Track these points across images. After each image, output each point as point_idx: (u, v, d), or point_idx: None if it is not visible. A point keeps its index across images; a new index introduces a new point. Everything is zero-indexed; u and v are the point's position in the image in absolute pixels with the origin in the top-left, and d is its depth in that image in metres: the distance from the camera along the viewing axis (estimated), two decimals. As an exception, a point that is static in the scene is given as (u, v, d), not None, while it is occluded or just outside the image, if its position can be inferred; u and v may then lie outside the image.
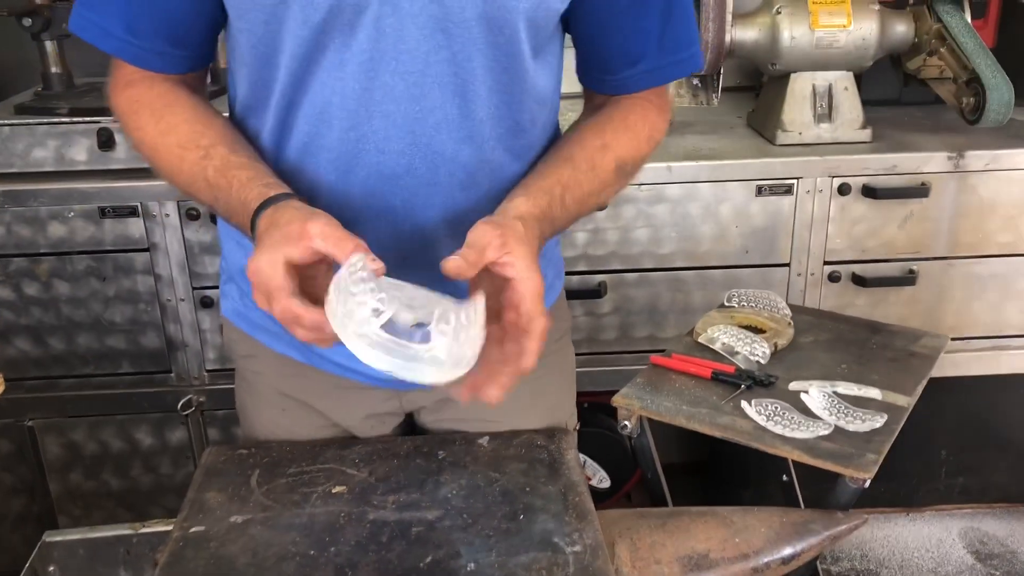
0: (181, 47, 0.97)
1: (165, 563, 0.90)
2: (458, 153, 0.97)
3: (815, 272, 2.02)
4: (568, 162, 0.97)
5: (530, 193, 0.92)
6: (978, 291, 2.04)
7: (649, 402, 1.21)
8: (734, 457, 2.37)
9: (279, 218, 0.84)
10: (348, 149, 0.96)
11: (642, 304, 2.04)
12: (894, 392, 1.22)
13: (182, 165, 0.95)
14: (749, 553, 1.00)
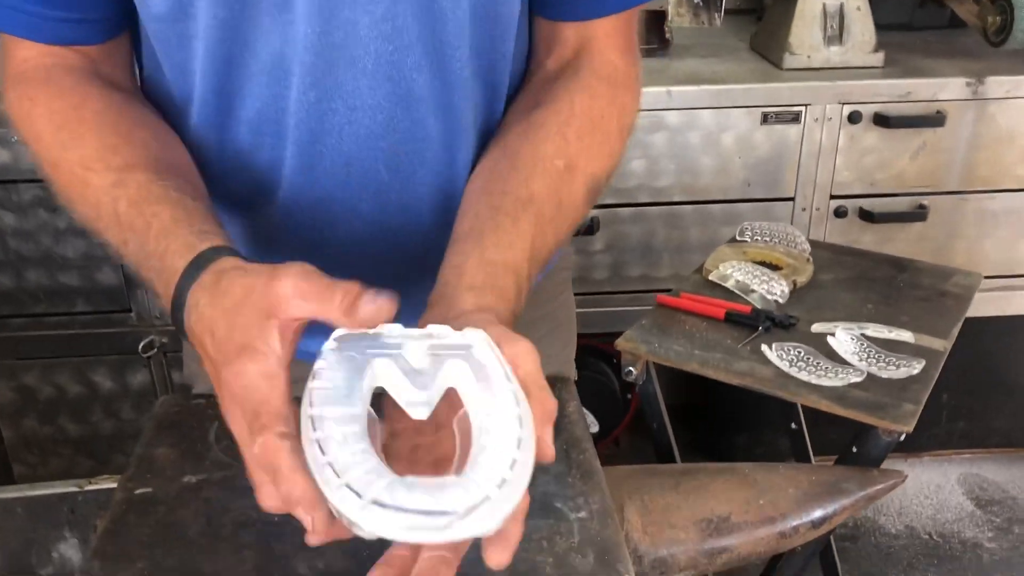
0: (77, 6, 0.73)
1: (104, 530, 0.77)
2: (443, 98, 0.78)
3: (820, 207, 1.91)
4: (528, 208, 0.73)
5: (488, 286, 0.68)
6: (991, 228, 1.94)
7: (657, 346, 1.09)
8: (733, 403, 2.28)
9: (229, 291, 0.59)
10: (310, 112, 0.76)
11: (636, 241, 1.92)
12: (927, 335, 1.10)
13: (85, 192, 0.71)
14: (775, 516, 0.89)
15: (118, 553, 0.75)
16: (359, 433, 0.53)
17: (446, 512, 0.49)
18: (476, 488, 0.51)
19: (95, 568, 0.73)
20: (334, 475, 0.50)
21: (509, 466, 0.51)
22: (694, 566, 0.88)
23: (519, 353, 0.58)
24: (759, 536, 0.88)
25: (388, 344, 0.58)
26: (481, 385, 0.55)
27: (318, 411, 0.54)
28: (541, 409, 0.57)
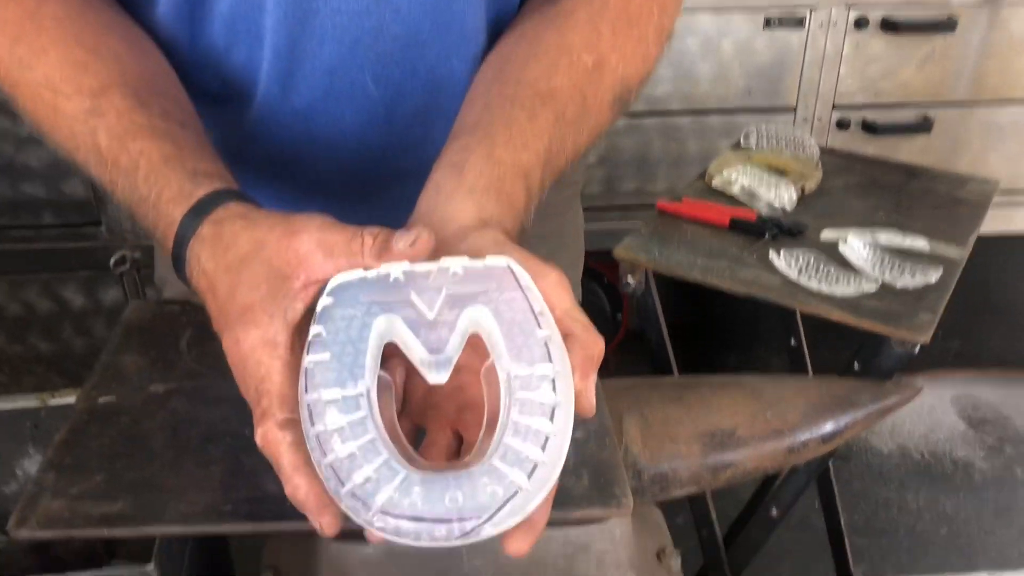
0: None
1: (63, 440, 0.71)
2: (441, 2, 0.69)
3: (822, 117, 1.83)
4: (547, 105, 0.62)
5: (493, 189, 0.57)
6: (996, 141, 1.87)
7: (657, 254, 1.02)
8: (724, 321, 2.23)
9: (234, 245, 0.52)
10: (289, 12, 0.67)
11: (630, 154, 1.84)
12: (943, 243, 1.04)
13: (57, 120, 0.61)
14: (783, 430, 0.83)
15: (75, 464, 0.69)
16: (364, 420, 0.45)
17: (465, 518, 0.42)
18: (503, 480, 0.42)
19: (49, 480, 0.67)
20: (338, 481, 0.43)
21: (541, 446, 0.43)
22: (696, 482, 0.83)
23: (551, 287, 0.49)
24: (766, 451, 0.83)
25: (394, 288, 0.49)
26: (508, 334, 0.46)
27: (315, 396, 0.45)
28: (583, 355, 0.48)
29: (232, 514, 0.66)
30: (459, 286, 0.48)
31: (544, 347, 0.46)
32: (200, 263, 0.53)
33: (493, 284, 0.48)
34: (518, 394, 0.45)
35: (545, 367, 0.45)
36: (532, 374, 0.45)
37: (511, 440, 0.44)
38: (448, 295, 0.48)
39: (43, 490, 0.66)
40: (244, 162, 0.79)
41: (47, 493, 0.66)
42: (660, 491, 0.83)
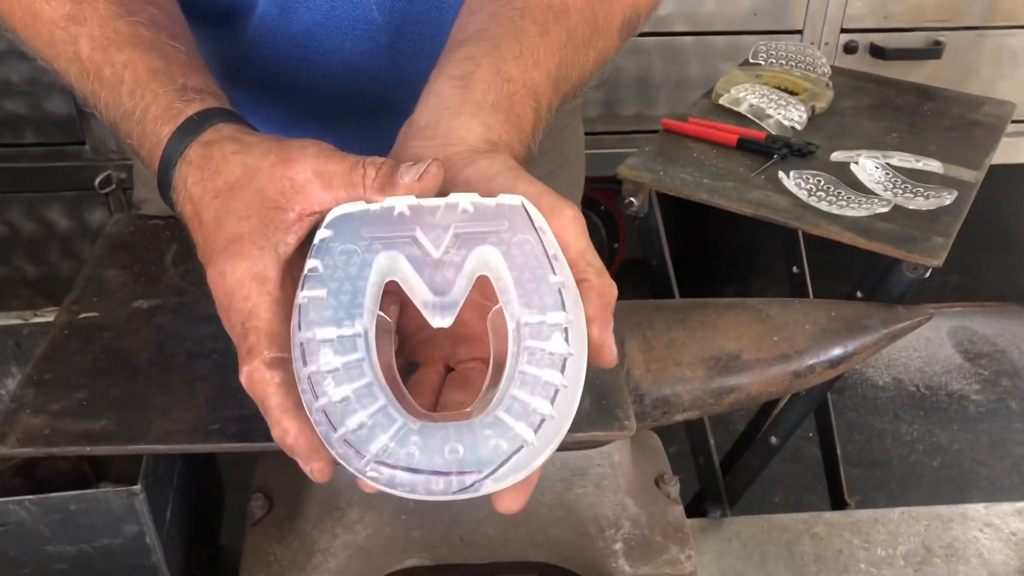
0: None
1: (43, 355, 0.68)
2: None
3: (830, 41, 1.78)
4: (560, 21, 0.57)
5: (502, 108, 0.52)
6: (1009, 68, 1.82)
7: (662, 174, 0.98)
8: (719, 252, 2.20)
9: (224, 170, 0.48)
10: None
11: (631, 76, 1.79)
12: (957, 166, 1.00)
13: (36, 25, 0.57)
14: (790, 354, 0.81)
15: (56, 380, 0.66)
16: (361, 362, 0.41)
17: (465, 472, 0.38)
18: (507, 433, 0.39)
19: (29, 396, 0.64)
20: (329, 425, 0.40)
21: (550, 399, 0.40)
22: (699, 406, 0.81)
23: (566, 225, 0.45)
24: (771, 375, 0.81)
25: (398, 223, 0.44)
26: (519, 279, 0.43)
27: (309, 334, 0.41)
28: (599, 303, 0.44)
29: (219, 433, 0.63)
30: (468, 224, 0.44)
31: (557, 294, 0.42)
32: (187, 187, 0.49)
33: (504, 224, 0.44)
34: (527, 343, 0.41)
35: (557, 315, 0.42)
36: (543, 322, 0.42)
37: (518, 392, 0.40)
38: (456, 234, 0.44)
39: (23, 406, 0.64)
40: (239, 84, 0.74)
41: (26, 410, 0.63)
42: (662, 415, 0.80)
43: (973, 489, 1.81)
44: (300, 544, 0.83)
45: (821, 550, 1.10)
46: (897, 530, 1.12)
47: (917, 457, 1.89)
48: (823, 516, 1.15)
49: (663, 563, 0.85)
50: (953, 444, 1.91)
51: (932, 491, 1.80)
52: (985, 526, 1.13)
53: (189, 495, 0.91)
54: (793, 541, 1.12)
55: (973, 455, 1.89)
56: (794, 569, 1.08)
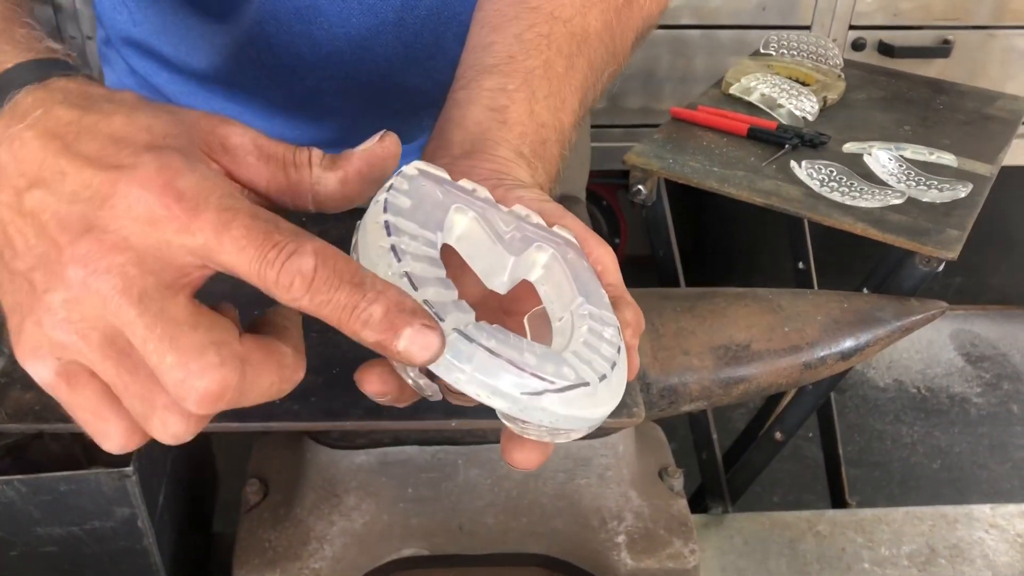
0: None
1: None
2: None
3: (838, 38, 1.76)
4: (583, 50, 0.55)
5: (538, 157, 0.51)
6: (1017, 67, 1.81)
7: (671, 162, 0.96)
8: (722, 249, 2.18)
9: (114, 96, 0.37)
10: None
11: (637, 69, 1.77)
12: (971, 159, 0.98)
13: None
14: (801, 345, 0.79)
15: (47, 357, 0.64)
16: (438, 260, 0.38)
17: (542, 378, 0.36)
18: (576, 367, 0.38)
19: (18, 371, 0.62)
20: (411, 286, 0.35)
21: (611, 366, 0.39)
22: (706, 397, 0.79)
23: (604, 256, 0.45)
24: (781, 366, 0.79)
25: (472, 196, 0.43)
26: (577, 279, 0.43)
27: (394, 219, 0.37)
28: (635, 318, 0.44)
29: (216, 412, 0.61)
30: (530, 226, 0.44)
31: (609, 304, 0.43)
32: (35, 115, 0.35)
33: (560, 241, 0.45)
34: (589, 323, 0.41)
35: (611, 316, 0.42)
36: (603, 317, 0.42)
37: (580, 348, 0.39)
38: (519, 228, 0.44)
39: (13, 381, 0.62)
40: (241, 64, 0.72)
41: (17, 385, 0.61)
42: (668, 405, 0.79)
43: (973, 492, 1.79)
44: (295, 531, 0.81)
45: (824, 548, 1.09)
46: (901, 530, 1.10)
47: (917, 459, 1.87)
48: (826, 514, 1.13)
49: (666, 557, 0.83)
50: (954, 447, 1.90)
51: (932, 493, 1.78)
52: (991, 527, 1.11)
53: (183, 479, 0.89)
54: (796, 539, 1.10)
55: (974, 458, 1.87)
56: (796, 567, 1.07)
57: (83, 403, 0.35)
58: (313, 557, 0.79)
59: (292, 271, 0.32)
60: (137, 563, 0.78)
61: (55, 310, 0.33)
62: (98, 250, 0.32)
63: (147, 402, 0.34)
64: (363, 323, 0.32)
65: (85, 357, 0.33)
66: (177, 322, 0.32)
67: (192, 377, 0.32)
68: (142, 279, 0.32)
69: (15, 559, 0.77)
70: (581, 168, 0.96)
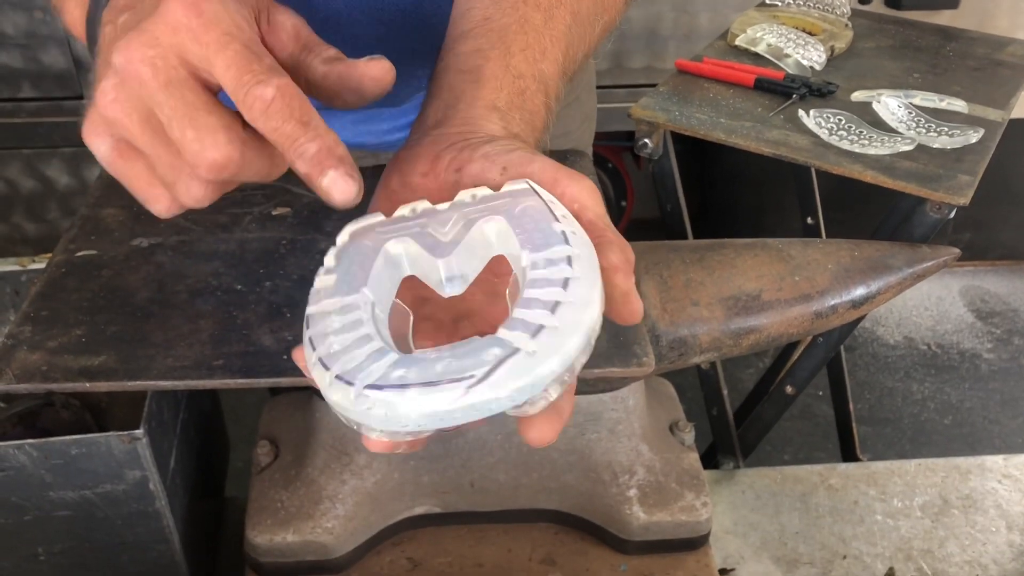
0: None
1: (39, 292, 0.65)
2: None
3: (844, -9, 1.73)
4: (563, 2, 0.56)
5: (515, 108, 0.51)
6: (1026, 19, 1.78)
7: (677, 114, 0.95)
8: (726, 206, 2.17)
9: None
10: None
11: (640, 28, 1.75)
12: (982, 105, 0.97)
13: None
14: (812, 294, 0.78)
15: (53, 317, 0.63)
16: (360, 320, 0.40)
17: (459, 378, 0.35)
18: (502, 343, 0.36)
19: (25, 333, 0.62)
20: (323, 370, 0.38)
21: (550, 310, 0.37)
22: (716, 348, 0.78)
23: (584, 190, 0.44)
24: (792, 315, 0.78)
25: (408, 221, 0.45)
26: (523, 232, 0.41)
27: (314, 309, 0.41)
28: (622, 257, 0.42)
29: (224, 369, 0.61)
30: (474, 208, 0.44)
31: (561, 236, 0.40)
32: None
33: (509, 199, 0.43)
34: (529, 275, 0.40)
35: (560, 248, 0.40)
36: (548, 257, 0.40)
37: (518, 312, 0.38)
38: (463, 219, 0.44)
39: (19, 343, 0.61)
40: None
41: (24, 346, 0.61)
42: (678, 357, 0.78)
43: (985, 447, 1.79)
44: (307, 491, 0.81)
45: (836, 501, 1.08)
46: (914, 481, 1.10)
47: (928, 415, 1.87)
48: (838, 468, 1.13)
49: (678, 510, 0.83)
50: (964, 402, 1.89)
51: (944, 449, 1.78)
52: (1004, 477, 1.11)
53: (194, 443, 0.89)
54: (808, 492, 1.10)
55: (985, 413, 1.87)
56: (809, 520, 1.07)
57: (137, 173, 0.43)
58: (325, 516, 0.80)
59: (255, 95, 0.39)
60: (150, 526, 0.78)
61: (107, 92, 0.41)
62: (136, 43, 0.40)
63: (174, 170, 0.41)
64: (299, 155, 0.40)
65: (129, 132, 0.41)
66: (196, 106, 0.40)
67: (206, 149, 0.39)
68: (167, 70, 0.40)
69: (28, 524, 0.77)
70: (587, 123, 0.95)
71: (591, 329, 0.38)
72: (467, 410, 0.35)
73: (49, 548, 0.79)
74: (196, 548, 0.86)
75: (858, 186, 0.90)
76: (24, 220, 1.79)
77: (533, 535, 0.84)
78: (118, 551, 0.79)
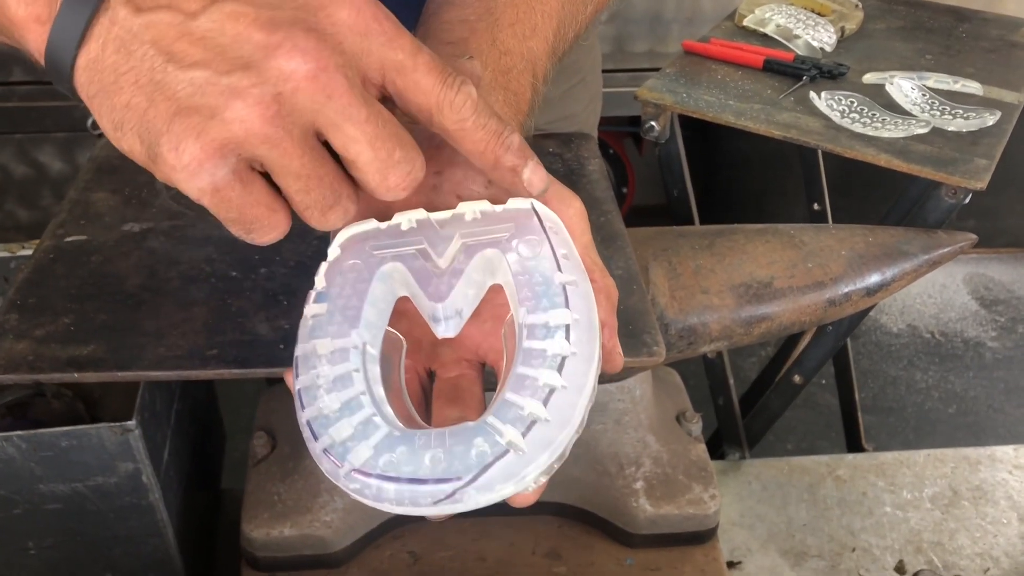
0: None
1: (26, 280, 0.63)
2: None
3: (850, -26, 1.70)
4: None
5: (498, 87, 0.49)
6: (1036, 1, 1.75)
7: (685, 96, 0.93)
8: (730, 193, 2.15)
9: None
10: None
11: (642, 11, 1.72)
12: (997, 87, 0.94)
13: None
14: (825, 281, 0.76)
15: (41, 305, 0.61)
16: (353, 371, 0.39)
17: (445, 479, 0.35)
18: (492, 437, 0.35)
19: (12, 322, 0.59)
20: (312, 437, 0.37)
21: (543, 400, 0.36)
22: (727, 337, 0.76)
23: (573, 218, 0.43)
24: (804, 303, 0.76)
25: (405, 237, 0.43)
26: (525, 281, 0.40)
27: (303, 348, 0.40)
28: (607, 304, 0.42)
29: (218, 359, 0.58)
30: (475, 231, 0.43)
31: (562, 292, 0.40)
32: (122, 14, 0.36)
33: (512, 226, 0.42)
34: (525, 344, 0.38)
35: (559, 314, 0.39)
36: (545, 322, 0.39)
37: (510, 395, 0.37)
38: (463, 243, 0.42)
39: (5, 332, 0.59)
40: None
41: (9, 335, 0.59)
42: (687, 346, 0.76)
43: (990, 436, 1.77)
44: (305, 483, 0.79)
45: (844, 493, 1.07)
46: (923, 472, 1.08)
47: (932, 404, 1.85)
48: (845, 458, 1.11)
49: (686, 503, 0.81)
50: (969, 391, 1.87)
51: (948, 438, 1.76)
52: (1015, 468, 1.09)
53: (188, 434, 0.87)
54: (815, 484, 1.08)
55: (989, 402, 1.85)
56: (817, 512, 1.05)
57: (258, 198, 0.37)
58: (324, 509, 0.77)
59: (466, 93, 0.38)
60: (143, 519, 0.76)
61: (267, 104, 0.34)
62: (321, 47, 0.35)
63: (336, 192, 0.38)
64: (506, 147, 0.40)
65: (286, 152, 0.36)
66: (394, 123, 0.37)
67: (417, 170, 0.38)
68: (354, 79, 0.36)
69: (18, 518, 0.75)
70: (592, 104, 0.92)
71: (585, 411, 0.37)
72: (453, 507, 0.35)
73: (40, 542, 0.77)
74: (191, 542, 0.84)
75: (864, 172, 0.88)
76: (16, 206, 1.77)
77: (537, 528, 0.82)
78: (111, 545, 0.77)
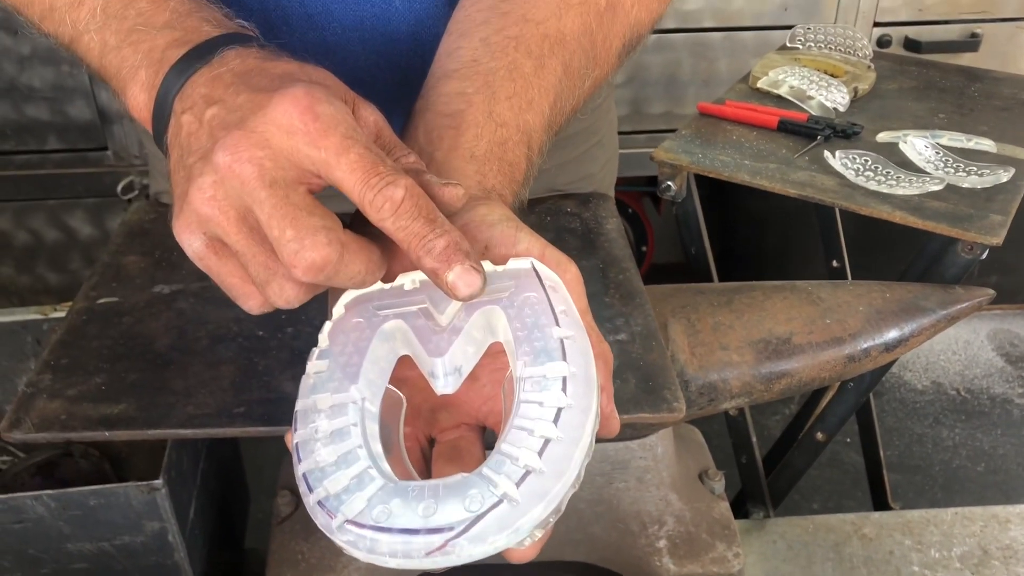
0: None
1: (59, 341, 0.65)
2: None
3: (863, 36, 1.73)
4: (556, 52, 0.54)
5: (493, 158, 0.50)
6: (1049, 60, 1.77)
7: (700, 156, 0.94)
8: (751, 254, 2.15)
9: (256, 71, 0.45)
10: None
11: (659, 74, 1.75)
12: (1011, 144, 0.96)
13: None
14: (844, 337, 0.76)
15: (73, 365, 0.63)
16: (351, 425, 0.40)
17: (437, 529, 0.35)
18: (486, 488, 0.36)
19: (45, 381, 0.61)
20: (307, 489, 0.38)
21: (538, 451, 0.36)
22: (747, 393, 0.77)
23: (570, 283, 0.44)
24: (824, 359, 0.76)
25: (408, 296, 0.44)
26: (524, 337, 0.41)
27: (303, 404, 0.41)
28: (604, 369, 0.43)
29: (245, 416, 0.60)
30: None
31: (560, 346, 0.40)
32: (201, 87, 0.44)
33: (513, 284, 0.43)
34: (521, 395, 0.39)
35: (557, 366, 0.39)
36: (542, 375, 0.39)
37: (506, 447, 0.37)
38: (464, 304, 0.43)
39: (39, 391, 0.61)
40: None
41: (43, 395, 0.60)
42: (708, 403, 0.76)
43: (1020, 494, 1.74)
44: (328, 542, 0.79)
45: (871, 551, 1.05)
46: (951, 531, 1.07)
47: (960, 462, 1.82)
48: (872, 516, 1.10)
49: (709, 561, 0.80)
50: (998, 448, 1.85)
51: (978, 497, 1.73)
52: (1045, 526, 1.07)
53: (214, 493, 0.88)
54: (841, 542, 1.07)
55: (1019, 460, 1.82)
56: (843, 571, 1.03)
57: (231, 270, 0.43)
58: (347, 569, 0.78)
59: (386, 196, 0.39)
60: (168, 578, 0.77)
61: (205, 189, 0.40)
62: (244, 142, 0.40)
63: (268, 270, 0.41)
64: (427, 251, 0.40)
65: (223, 229, 0.41)
66: (298, 207, 0.40)
67: (305, 250, 0.39)
68: (274, 171, 0.40)
69: (45, 577, 0.76)
70: (609, 165, 0.94)
71: (581, 464, 0.37)
72: (446, 559, 0.35)
73: (66, 602, 0.77)
74: (215, 602, 0.84)
75: (882, 230, 0.89)
76: (47, 270, 1.80)
77: (560, 588, 0.82)
78: (136, 605, 0.78)
